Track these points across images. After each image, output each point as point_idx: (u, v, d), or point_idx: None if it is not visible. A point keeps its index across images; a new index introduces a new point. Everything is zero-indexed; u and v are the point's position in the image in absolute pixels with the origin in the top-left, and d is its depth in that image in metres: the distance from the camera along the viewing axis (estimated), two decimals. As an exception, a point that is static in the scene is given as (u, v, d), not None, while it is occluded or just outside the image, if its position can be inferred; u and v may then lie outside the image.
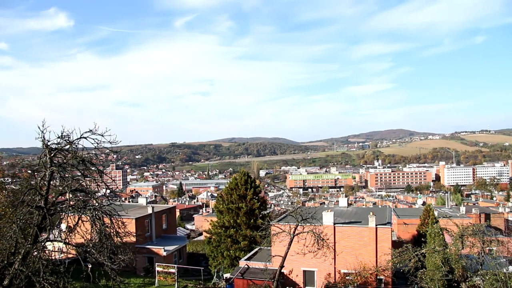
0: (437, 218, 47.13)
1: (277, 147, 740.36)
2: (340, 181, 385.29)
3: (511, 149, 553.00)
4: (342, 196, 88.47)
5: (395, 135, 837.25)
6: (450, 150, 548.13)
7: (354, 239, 40.91)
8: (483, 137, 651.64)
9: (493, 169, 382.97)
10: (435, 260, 33.70)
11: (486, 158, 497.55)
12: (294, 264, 40.34)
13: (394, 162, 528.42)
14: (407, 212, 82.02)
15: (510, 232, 49.95)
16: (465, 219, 60.95)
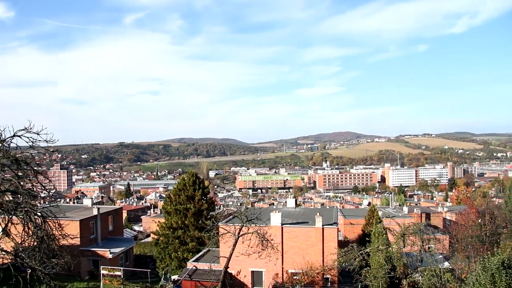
0: (381, 218, 48.32)
1: (227, 148, 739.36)
2: (289, 182, 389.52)
3: (450, 152, 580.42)
4: (290, 197, 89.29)
5: (343, 137, 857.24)
6: (395, 152, 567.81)
7: (302, 239, 41.27)
8: (425, 141, 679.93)
9: (434, 171, 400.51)
10: (378, 258, 34.51)
11: (428, 161, 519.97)
12: (242, 264, 40.15)
13: (342, 164, 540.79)
14: (353, 212, 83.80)
15: (447, 230, 51.97)
16: (407, 218, 62.87)
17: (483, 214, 43.72)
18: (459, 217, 53.37)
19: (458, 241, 42.26)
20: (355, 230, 63.71)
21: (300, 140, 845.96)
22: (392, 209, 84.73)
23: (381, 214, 58.87)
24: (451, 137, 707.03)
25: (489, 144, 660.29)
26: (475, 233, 41.60)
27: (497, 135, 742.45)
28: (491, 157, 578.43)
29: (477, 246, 40.55)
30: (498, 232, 43.25)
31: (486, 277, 25.99)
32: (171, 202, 53.11)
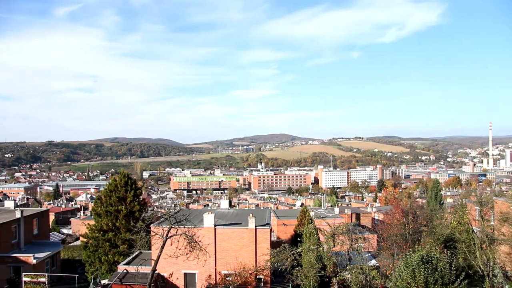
0: (313, 218, 49.65)
1: (161, 148, 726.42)
2: (224, 183, 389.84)
3: (380, 155, 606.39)
4: (224, 198, 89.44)
5: (278, 139, 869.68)
6: (328, 155, 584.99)
7: (235, 240, 41.45)
8: (357, 144, 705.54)
9: (364, 173, 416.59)
10: (309, 258, 35.42)
11: (359, 163, 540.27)
12: (174, 267, 39.68)
13: (277, 165, 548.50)
14: (287, 213, 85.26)
15: (375, 230, 54.37)
16: (338, 219, 64.97)
17: (407, 214, 46.13)
18: (386, 217, 55.89)
19: (384, 240, 44.36)
20: (288, 230, 64.86)
21: (235, 142, 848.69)
22: (324, 210, 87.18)
23: (313, 214, 60.40)
24: (381, 141, 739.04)
25: (415, 147, 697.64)
26: (399, 232, 43.82)
27: (422, 139, 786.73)
28: (416, 160, 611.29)
29: (401, 244, 42.75)
30: (419, 230, 45.83)
31: (407, 273, 27.51)
32: (102, 204, 51.36)
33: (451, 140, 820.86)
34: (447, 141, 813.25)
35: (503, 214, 39.71)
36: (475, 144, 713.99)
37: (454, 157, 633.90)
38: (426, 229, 47.10)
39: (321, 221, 46.98)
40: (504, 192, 65.90)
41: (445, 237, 42.57)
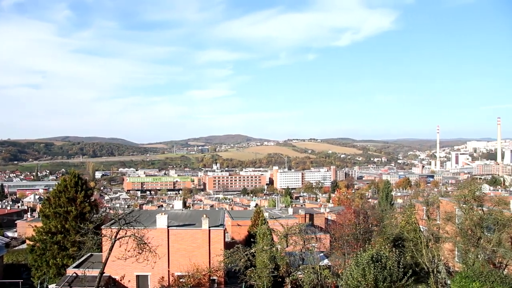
0: (267, 219, 49.97)
1: (115, 148, 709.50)
2: (179, 183, 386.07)
3: (334, 157, 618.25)
4: (178, 198, 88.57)
5: (234, 140, 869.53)
6: (283, 155, 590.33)
7: (188, 242, 41.14)
8: (311, 145, 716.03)
9: (318, 174, 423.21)
10: (263, 258, 35.63)
11: (313, 164, 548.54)
12: (127, 269, 38.84)
13: (232, 166, 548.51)
14: (241, 214, 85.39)
15: (327, 230, 55.40)
16: (292, 219, 65.65)
17: (358, 214, 47.29)
18: (338, 217, 57.02)
19: (336, 240, 45.29)
20: (242, 231, 64.93)
21: (191, 142, 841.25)
22: (278, 211, 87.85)
23: (267, 215, 60.77)
24: (334, 143, 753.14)
25: (368, 149, 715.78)
26: (351, 232, 44.88)
27: (374, 141, 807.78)
28: (369, 162, 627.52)
29: (352, 243, 43.81)
30: (370, 230, 47.12)
31: (358, 271, 28.19)
32: (50, 205, 49.58)
33: (402, 142, 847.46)
34: (398, 143, 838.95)
35: (447, 214, 41.34)
36: (424, 147, 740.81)
37: (405, 159, 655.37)
38: (377, 228, 48.49)
39: (274, 222, 47.38)
40: (449, 192, 68.80)
41: (394, 236, 43.88)
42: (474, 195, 37.87)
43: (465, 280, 28.25)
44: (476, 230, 37.02)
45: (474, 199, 37.73)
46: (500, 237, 36.09)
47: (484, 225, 37.60)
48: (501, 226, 36.17)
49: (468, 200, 37.64)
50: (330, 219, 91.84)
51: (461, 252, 40.91)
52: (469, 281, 27.85)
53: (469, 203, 37.63)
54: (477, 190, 39.10)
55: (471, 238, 37.34)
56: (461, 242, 38.85)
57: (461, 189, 41.58)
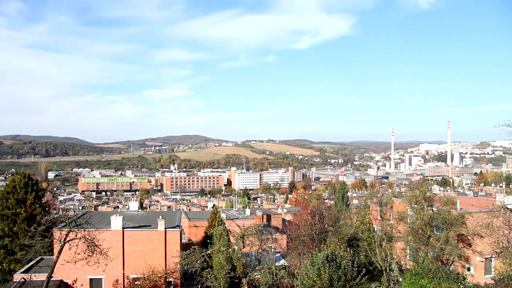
0: (224, 220, 49.93)
1: (69, 148, 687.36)
2: (136, 184, 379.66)
3: (292, 158, 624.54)
4: (134, 199, 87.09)
5: (192, 140, 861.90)
6: (241, 156, 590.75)
7: (144, 243, 40.54)
8: (270, 146, 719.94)
9: (276, 175, 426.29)
10: (219, 259, 35.54)
11: (271, 165, 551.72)
12: (79, 272, 37.76)
13: (190, 167, 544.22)
14: (199, 215, 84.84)
15: (284, 230, 55.91)
16: (249, 220, 65.81)
17: (314, 215, 47.98)
18: (294, 218, 57.60)
19: (292, 240, 45.79)
20: (199, 232, 64.51)
21: (148, 142, 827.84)
22: (236, 211, 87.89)
23: (225, 216, 60.69)
24: (292, 144, 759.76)
25: (325, 151, 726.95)
26: (307, 232, 45.50)
27: (331, 143, 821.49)
28: (326, 163, 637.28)
29: (308, 243, 44.40)
30: (326, 230, 47.93)
31: (313, 271, 28.61)
32: (-3, 207, 47.60)
33: (358, 144, 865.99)
34: (355, 145, 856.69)
35: (399, 214, 42.70)
36: (379, 149, 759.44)
37: (361, 161, 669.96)
38: (332, 229, 49.38)
39: (231, 223, 47.39)
40: (402, 193, 70.84)
41: (349, 236, 44.87)
42: (424, 196, 39.31)
43: (415, 277, 29.28)
44: (426, 229, 38.42)
45: (424, 199, 39.16)
46: (448, 236, 37.61)
47: (434, 224, 39.08)
48: (449, 225, 37.73)
49: (419, 201, 39.03)
50: (287, 220, 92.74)
51: (412, 251, 42.34)
52: (418, 278, 28.90)
53: (420, 204, 39.02)
54: (427, 191, 40.59)
55: (422, 237, 38.71)
56: (412, 241, 40.21)
57: (412, 190, 43.07)
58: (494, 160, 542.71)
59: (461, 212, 40.48)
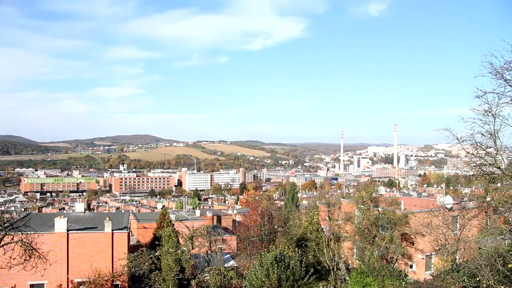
0: (173, 221, 49.38)
1: (11, 146, 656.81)
2: (83, 185, 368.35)
3: (243, 159, 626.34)
4: (79, 201, 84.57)
5: (142, 140, 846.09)
6: (192, 157, 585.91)
7: (90, 246, 39.44)
8: (221, 147, 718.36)
9: (227, 176, 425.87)
10: (168, 261, 35.21)
11: (222, 166, 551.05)
12: (18, 278, 36.05)
13: (140, 167, 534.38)
14: (148, 216, 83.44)
15: (234, 231, 56.03)
16: (199, 221, 65.42)
17: (263, 215, 48.35)
18: (244, 219, 57.80)
19: (241, 241, 45.93)
20: (148, 234, 63.54)
21: (96, 141, 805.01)
22: (186, 212, 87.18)
23: (174, 217, 60.06)
24: (244, 145, 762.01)
25: (276, 152, 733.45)
26: (256, 233, 45.79)
27: (282, 144, 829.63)
28: (277, 164, 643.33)
29: (257, 244, 44.71)
30: (275, 231, 48.41)
31: (262, 272, 28.79)
32: None
33: (309, 146, 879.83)
34: (305, 147, 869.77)
35: (346, 214, 43.79)
36: (329, 150, 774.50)
37: (311, 162, 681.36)
38: (282, 229, 49.94)
39: (179, 224, 46.94)
40: (350, 194, 72.82)
41: (298, 237, 45.48)
42: (371, 197, 40.49)
43: (361, 276, 30.14)
44: (372, 229, 39.59)
45: (370, 200, 40.35)
46: (392, 235, 38.93)
47: (379, 224, 40.35)
48: (393, 224, 39.08)
49: (365, 201, 40.15)
50: (238, 221, 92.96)
51: (359, 250, 43.57)
52: (363, 276, 29.76)
53: (366, 204, 40.15)
54: (373, 192, 41.85)
55: (368, 236, 39.86)
56: (359, 240, 41.38)
57: (359, 191, 44.26)
58: (437, 163, 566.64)
59: (404, 212, 42.07)
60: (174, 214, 68.08)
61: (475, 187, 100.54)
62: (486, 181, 22.39)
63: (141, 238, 67.03)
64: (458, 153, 22.04)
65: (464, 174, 24.75)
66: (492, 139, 20.89)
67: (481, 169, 21.89)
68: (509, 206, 16.39)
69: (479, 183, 23.37)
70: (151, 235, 58.82)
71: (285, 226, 50.19)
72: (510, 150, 23.87)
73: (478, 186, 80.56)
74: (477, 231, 35.53)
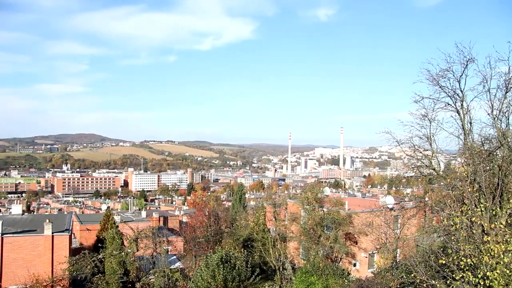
0: (117, 222, 48.29)
1: None
2: (23, 185, 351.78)
3: (191, 159, 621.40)
4: (17, 202, 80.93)
5: (87, 139, 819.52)
6: (139, 157, 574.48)
7: (27, 250, 37.74)
8: (169, 147, 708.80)
9: (175, 176, 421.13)
10: (111, 264, 34.37)
11: (170, 166, 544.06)
12: None
13: (84, 167, 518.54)
14: (92, 218, 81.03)
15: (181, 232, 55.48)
16: (145, 222, 64.23)
17: (210, 216, 48.23)
18: (190, 220, 57.38)
19: (187, 242, 45.59)
20: (91, 236, 61.74)
21: (38, 140, 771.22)
22: (131, 214, 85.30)
23: (119, 218, 58.78)
24: (192, 145, 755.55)
25: (224, 153, 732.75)
26: (202, 234, 45.60)
27: (230, 145, 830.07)
28: (225, 165, 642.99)
29: (203, 245, 44.53)
30: (221, 232, 48.39)
31: (208, 273, 28.77)
32: None
33: (257, 147, 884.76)
34: (253, 148, 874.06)
35: (292, 214, 44.48)
36: (277, 152, 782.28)
37: (259, 163, 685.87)
38: (228, 230, 49.97)
39: (123, 225, 45.98)
40: (297, 194, 74.00)
41: (245, 237, 45.67)
42: (316, 197, 41.34)
43: (305, 275, 30.75)
44: (317, 229, 40.44)
45: (316, 201, 41.20)
46: (336, 234, 39.94)
47: (324, 224, 41.28)
48: (337, 224, 40.09)
49: (310, 202, 40.94)
50: (185, 222, 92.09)
51: (304, 250, 44.32)
52: (308, 276, 30.39)
53: (311, 205, 40.94)
54: (319, 193, 42.75)
55: (313, 236, 40.67)
56: (305, 240, 42.11)
57: (305, 192, 45.07)
58: (381, 164, 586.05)
59: (348, 212, 43.25)
60: (119, 216, 66.43)
61: (416, 188, 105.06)
62: (425, 182, 23.53)
63: (84, 241, 64.98)
64: (401, 155, 23.24)
65: (404, 175, 25.89)
66: (429, 142, 22.03)
67: (419, 171, 23.00)
68: (443, 206, 17.29)
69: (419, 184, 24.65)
70: (94, 238, 57.17)
71: (232, 227, 50.24)
72: (446, 153, 25.17)
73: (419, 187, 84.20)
74: (415, 229, 37.10)
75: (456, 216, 14.69)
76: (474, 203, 15.20)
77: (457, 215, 14.73)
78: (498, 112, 19.72)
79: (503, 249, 12.61)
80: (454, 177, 18.21)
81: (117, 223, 45.98)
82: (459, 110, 20.90)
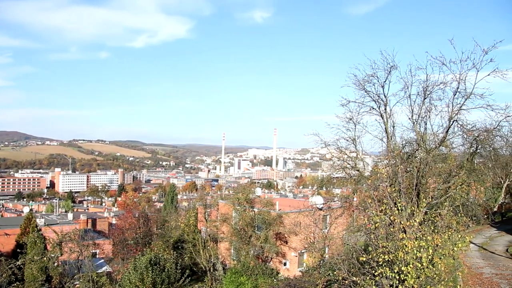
0: (40, 226, 46.05)
1: None
2: None
3: (122, 159, 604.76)
4: None
5: (9, 137, 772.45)
6: (67, 157, 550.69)
7: None
8: (99, 147, 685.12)
9: (105, 177, 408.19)
10: (32, 270, 32.71)
11: (100, 166, 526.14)
12: None
13: (5, 167, 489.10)
14: (12, 221, 76.50)
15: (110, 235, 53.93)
16: (71, 225, 61.76)
17: (139, 218, 47.26)
18: (119, 222, 55.92)
19: (115, 244, 44.36)
20: (10, 241, 58.35)
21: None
22: (57, 216, 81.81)
23: (43, 221, 56.12)
24: (123, 145, 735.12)
25: (157, 153, 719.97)
26: (131, 236, 44.57)
27: (163, 145, 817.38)
28: (157, 165, 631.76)
29: (132, 248, 43.55)
30: (151, 233, 47.56)
31: (136, 276, 28.17)
32: None
33: (190, 147, 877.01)
34: (187, 148, 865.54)
35: (223, 215, 44.59)
36: (210, 152, 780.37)
37: (192, 164, 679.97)
38: (159, 232, 49.22)
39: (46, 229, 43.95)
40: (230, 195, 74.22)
41: (175, 239, 45.22)
42: (247, 198, 41.67)
43: (235, 275, 30.90)
44: (248, 229, 40.78)
45: (247, 201, 41.52)
46: (267, 234, 40.49)
47: (255, 225, 41.71)
48: (268, 224, 40.66)
49: (241, 203, 41.22)
50: (114, 224, 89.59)
51: (235, 250, 44.51)
52: (238, 276, 30.57)
53: (242, 205, 41.23)
54: (250, 194, 43.13)
55: (244, 236, 40.96)
56: (236, 240, 42.30)
57: (236, 193, 45.33)
58: (312, 165, 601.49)
59: (279, 213, 43.98)
60: (42, 218, 63.48)
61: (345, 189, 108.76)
62: (353, 182, 24.48)
63: (0, 247, 61.31)
64: (331, 157, 24.08)
65: (332, 176, 26.78)
66: (354, 145, 22.97)
67: (344, 171, 23.91)
68: (366, 205, 18.09)
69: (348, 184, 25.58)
70: (14, 243, 54.14)
71: (162, 228, 49.53)
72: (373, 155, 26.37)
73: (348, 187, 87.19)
74: (342, 229, 38.46)
75: (376, 215, 15.43)
76: (393, 203, 16.02)
77: (377, 214, 15.47)
78: (417, 116, 20.93)
79: (416, 245, 13.44)
80: (376, 178, 19.08)
81: (39, 227, 43.84)
82: (382, 114, 21.90)
